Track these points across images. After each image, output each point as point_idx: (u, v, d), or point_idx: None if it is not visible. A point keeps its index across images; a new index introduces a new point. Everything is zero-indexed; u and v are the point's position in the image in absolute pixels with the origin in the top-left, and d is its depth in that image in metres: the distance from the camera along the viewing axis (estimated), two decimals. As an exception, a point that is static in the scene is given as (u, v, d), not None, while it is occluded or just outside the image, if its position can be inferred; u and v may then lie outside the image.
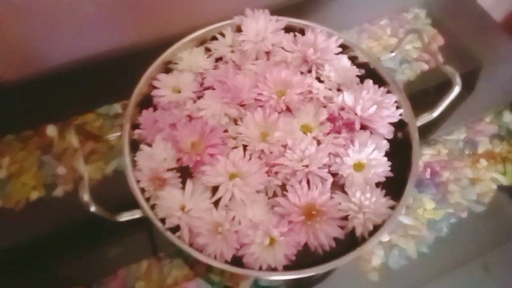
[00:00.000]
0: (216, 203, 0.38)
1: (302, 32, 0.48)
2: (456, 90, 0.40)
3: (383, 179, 0.40)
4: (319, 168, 0.39)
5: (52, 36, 0.55)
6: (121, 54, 0.59)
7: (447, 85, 0.43)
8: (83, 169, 0.34)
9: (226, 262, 0.35)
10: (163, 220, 0.37)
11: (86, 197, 0.33)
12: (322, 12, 0.68)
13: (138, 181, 0.38)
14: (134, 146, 0.41)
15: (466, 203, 0.50)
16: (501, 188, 0.52)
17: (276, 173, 0.40)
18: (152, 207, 0.38)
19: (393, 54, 0.48)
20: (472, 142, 0.55)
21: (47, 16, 0.52)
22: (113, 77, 0.56)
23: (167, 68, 0.47)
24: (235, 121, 0.43)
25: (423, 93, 0.56)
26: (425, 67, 0.60)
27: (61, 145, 0.52)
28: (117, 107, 0.56)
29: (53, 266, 0.46)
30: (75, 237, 0.47)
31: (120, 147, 0.41)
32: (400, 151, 0.42)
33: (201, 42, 0.48)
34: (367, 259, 0.46)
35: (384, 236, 0.46)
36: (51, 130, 0.53)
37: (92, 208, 0.33)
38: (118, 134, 0.41)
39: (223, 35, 0.48)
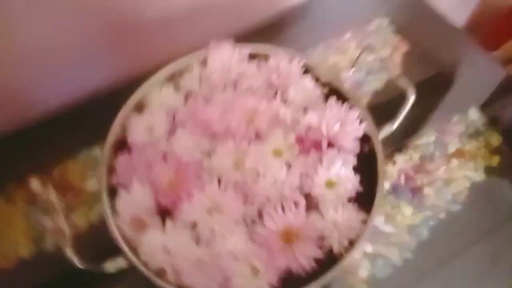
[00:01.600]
0: (197, 239, 0.39)
1: (266, 57, 0.50)
2: (410, 101, 0.42)
3: (353, 194, 0.41)
4: (291, 191, 0.40)
5: (28, 85, 0.56)
6: (96, 96, 0.61)
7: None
8: (63, 225, 0.35)
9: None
10: (147, 265, 0.38)
11: (69, 252, 0.34)
12: (288, 32, 0.70)
13: (119, 228, 0.39)
14: (113, 191, 0.42)
15: (442, 204, 0.52)
16: (474, 184, 0.54)
17: (252, 201, 0.41)
18: (135, 251, 0.38)
19: (353, 69, 0.49)
20: (442, 144, 0.56)
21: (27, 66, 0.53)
22: (89, 121, 0.58)
23: (140, 107, 0.48)
24: (209, 154, 0.44)
25: (389, 103, 0.58)
26: (392, 76, 0.62)
27: (45, 196, 0.53)
28: (96, 150, 0.57)
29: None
30: None
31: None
32: (368, 164, 0.43)
33: (170, 78, 0.50)
34: (353, 272, 0.48)
35: (361, 249, 0.47)
36: (34, 184, 0.54)
37: (77, 263, 0.34)
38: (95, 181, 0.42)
39: (190, 70, 0.50)
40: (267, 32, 0.68)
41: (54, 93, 0.58)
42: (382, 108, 0.48)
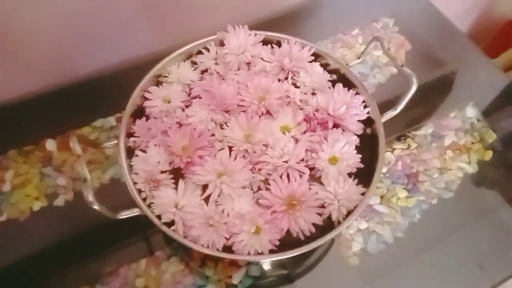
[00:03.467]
0: (206, 199, 0.42)
1: (279, 44, 0.53)
2: (413, 88, 0.45)
3: (354, 170, 0.44)
4: (297, 163, 0.43)
5: (53, 54, 0.59)
6: (114, 70, 0.64)
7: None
8: (85, 172, 0.38)
9: (218, 250, 0.39)
10: (159, 217, 0.41)
11: (90, 197, 0.37)
12: (299, 26, 0.74)
13: (135, 183, 0.43)
14: (129, 153, 0.46)
15: (435, 191, 0.55)
16: (467, 175, 0.57)
17: (260, 169, 0.44)
18: (149, 206, 0.42)
19: (359, 60, 0.53)
20: (439, 136, 0.60)
21: (52, 35, 0.56)
22: (107, 92, 0.61)
23: (157, 81, 0.51)
24: (221, 126, 0.47)
25: (392, 95, 0.62)
26: (394, 71, 0.66)
27: (60, 157, 0.56)
28: (111, 120, 0.60)
29: (58, 270, 0.50)
30: (78, 242, 0.51)
31: (115, 156, 0.45)
32: (369, 145, 0.47)
33: (188, 56, 0.53)
34: (347, 246, 0.51)
35: (356, 220, 0.50)
36: (50, 144, 0.57)
37: (96, 206, 0.37)
38: (115, 142, 0.45)
39: (207, 49, 0.53)
40: (279, 24, 0.72)
41: (82, 61, 0.61)
42: (384, 99, 0.51)
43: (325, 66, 0.53)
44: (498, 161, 0.58)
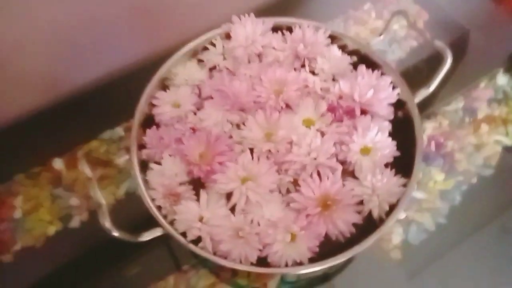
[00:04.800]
0: (232, 209, 0.39)
1: (289, 29, 0.49)
2: (448, 63, 0.41)
3: (391, 160, 0.40)
4: (327, 158, 0.39)
5: (52, 68, 0.55)
6: (117, 77, 0.60)
7: (437, 59, 0.43)
8: (99, 196, 0.35)
9: (252, 264, 0.36)
10: (184, 234, 0.37)
11: (107, 223, 0.34)
12: (305, 6, 0.69)
13: (153, 200, 0.39)
14: (143, 166, 0.42)
15: (474, 169, 0.51)
16: (506, 148, 0.53)
17: (286, 170, 0.40)
18: (171, 223, 0.38)
19: (381, 37, 0.48)
20: (471, 109, 0.55)
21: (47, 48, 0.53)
22: (111, 101, 0.57)
23: (164, 85, 0.47)
24: (238, 126, 0.43)
25: (415, 70, 0.57)
26: (414, 44, 0.61)
27: (69, 176, 0.53)
28: (119, 131, 0.56)
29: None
30: (98, 264, 0.48)
31: (128, 170, 0.42)
32: (403, 130, 0.43)
33: (193, 54, 0.49)
34: (387, 239, 0.47)
35: (400, 214, 0.47)
36: (57, 163, 0.54)
37: (115, 233, 0.34)
38: (127, 157, 0.41)
39: (213, 44, 0.49)
40: (285, 7, 0.67)
41: (80, 72, 0.57)
42: (409, 76, 0.47)
43: (343, 48, 0.49)
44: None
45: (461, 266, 0.45)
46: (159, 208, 0.39)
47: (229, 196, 0.39)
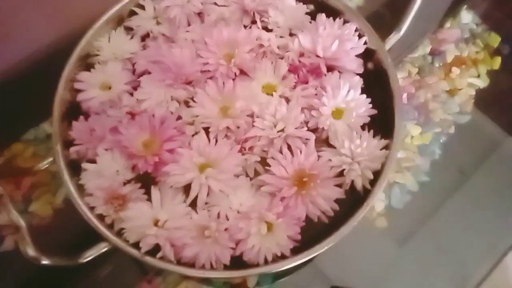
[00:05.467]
0: (193, 204, 0.32)
1: (230, -21, 0.41)
2: (418, 1, 0.35)
3: (367, 120, 0.35)
4: (296, 128, 0.33)
5: None
6: (31, 65, 0.49)
7: (399, 2, 0.38)
8: (17, 219, 0.27)
9: (226, 267, 0.30)
10: (137, 245, 0.30)
11: (31, 251, 0.26)
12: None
13: (92, 208, 0.31)
14: (75, 168, 0.34)
15: (451, 117, 0.48)
16: (480, 91, 0.49)
17: (251, 148, 0.34)
18: (119, 233, 0.31)
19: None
20: (439, 53, 0.51)
21: None
22: (29, 94, 0.47)
23: (87, 64, 0.38)
24: (186, 103, 0.36)
25: (377, 16, 0.51)
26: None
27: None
28: (45, 127, 0.47)
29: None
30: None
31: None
32: (374, 83, 0.37)
33: (118, 22, 0.40)
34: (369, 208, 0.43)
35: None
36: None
37: (44, 261, 0.27)
38: (50, 160, 0.33)
39: (141, 6, 0.40)
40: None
41: None
42: (372, 20, 0.41)
43: (296, -5, 0.42)
44: (509, 66, 0.50)
45: (451, 223, 0.42)
46: (101, 217, 0.31)
47: (186, 189, 0.32)
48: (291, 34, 0.40)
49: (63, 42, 0.47)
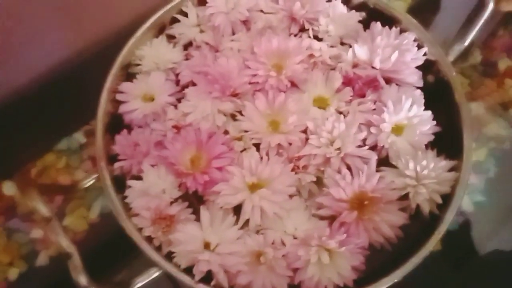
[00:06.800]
0: (243, 226, 0.30)
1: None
2: (490, 9, 0.33)
3: (432, 138, 0.32)
4: (357, 147, 0.31)
5: None
6: (64, 71, 0.48)
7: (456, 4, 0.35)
8: (66, 243, 0.25)
9: (283, 297, 0.28)
10: (189, 270, 0.28)
11: (83, 279, 0.24)
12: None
13: (139, 230, 0.29)
14: (118, 183, 0.32)
15: (505, 132, 0.45)
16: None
17: (305, 167, 0.32)
18: (168, 256, 0.29)
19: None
20: (491, 64, 0.48)
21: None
22: (63, 102, 0.45)
23: (128, 74, 0.37)
24: (233, 117, 0.34)
25: (425, 20, 0.49)
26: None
27: (25, 202, 0.42)
28: (78, 137, 0.45)
29: None
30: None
31: (98, 184, 0.32)
32: (435, 98, 0.35)
33: (160, 30, 0.38)
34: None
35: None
36: (8, 188, 0.43)
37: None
38: (95, 176, 0.31)
39: (184, 13, 0.38)
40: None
41: (5, 76, 0.45)
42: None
43: (346, 2, 0.39)
44: None
45: (510, 246, 0.39)
46: (149, 239, 0.29)
47: (236, 209, 0.30)
48: (342, 43, 0.37)
49: (100, 48, 0.46)
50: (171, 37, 0.38)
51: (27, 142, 0.45)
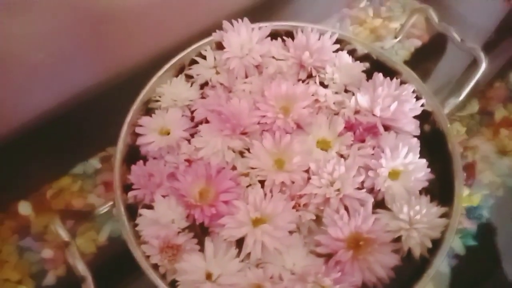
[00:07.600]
0: (244, 259, 0.32)
1: (289, 35, 0.42)
2: (482, 68, 0.36)
3: (425, 184, 0.35)
4: (355, 189, 0.33)
5: (6, 94, 0.46)
6: (84, 100, 0.51)
7: (450, 57, 0.38)
8: (82, 268, 0.27)
9: (279, 330, 0.29)
10: (190, 298, 0.30)
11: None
12: (291, 7, 0.62)
13: (147, 257, 0.32)
14: (130, 211, 0.34)
15: (499, 180, 0.47)
16: (530, 154, 0.49)
17: (306, 205, 0.34)
18: (172, 285, 0.31)
19: (396, 40, 0.43)
20: (487, 113, 0.51)
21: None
22: (81, 129, 0.49)
23: (147, 109, 0.40)
24: (241, 154, 0.36)
25: (424, 73, 0.52)
26: (418, 43, 0.56)
27: (39, 222, 0.44)
28: (94, 163, 0.48)
29: None
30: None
31: (109, 211, 0.34)
32: (430, 146, 0.37)
33: (180, 70, 0.42)
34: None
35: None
36: (24, 208, 0.45)
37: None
38: (110, 204, 0.33)
39: (203, 56, 0.42)
40: (269, 7, 0.60)
41: (32, 101, 0.48)
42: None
43: (351, 53, 0.43)
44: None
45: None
46: (155, 267, 0.31)
47: (238, 243, 0.32)
48: (346, 91, 0.40)
49: (118, 82, 0.49)
50: (189, 77, 0.42)
51: (45, 165, 0.48)
